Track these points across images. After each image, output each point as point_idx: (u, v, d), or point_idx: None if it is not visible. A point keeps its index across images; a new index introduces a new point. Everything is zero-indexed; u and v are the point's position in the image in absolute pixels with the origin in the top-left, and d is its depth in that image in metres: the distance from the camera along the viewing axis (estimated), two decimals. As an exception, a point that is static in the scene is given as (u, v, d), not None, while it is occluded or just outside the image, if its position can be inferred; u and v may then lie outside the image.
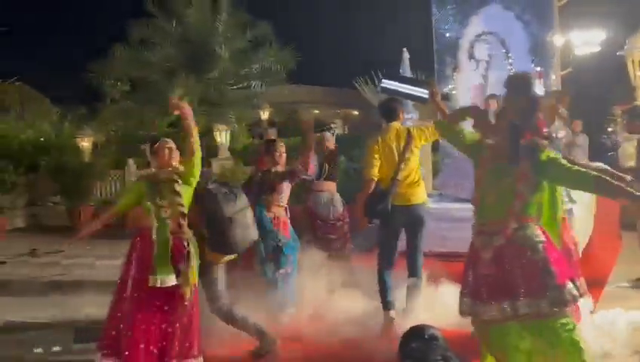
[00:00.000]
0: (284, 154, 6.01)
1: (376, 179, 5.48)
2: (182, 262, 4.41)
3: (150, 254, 4.43)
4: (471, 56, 9.72)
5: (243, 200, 4.76)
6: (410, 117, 8.85)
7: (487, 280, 3.45)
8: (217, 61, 17.01)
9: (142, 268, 4.45)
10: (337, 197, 6.87)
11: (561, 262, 3.49)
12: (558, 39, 10.82)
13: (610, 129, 14.57)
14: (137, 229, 4.64)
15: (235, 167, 13.56)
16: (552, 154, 3.54)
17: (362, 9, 35.80)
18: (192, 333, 4.51)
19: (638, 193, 3.28)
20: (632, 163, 10.88)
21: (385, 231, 5.63)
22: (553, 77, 7.91)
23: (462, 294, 3.58)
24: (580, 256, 6.60)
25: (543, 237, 3.46)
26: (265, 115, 20.77)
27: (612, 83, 12.42)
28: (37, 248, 10.37)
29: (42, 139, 18.45)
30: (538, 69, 8.70)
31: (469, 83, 9.78)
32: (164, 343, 4.42)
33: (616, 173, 4.85)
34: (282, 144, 6.12)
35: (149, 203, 4.53)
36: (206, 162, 14.76)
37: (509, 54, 9.51)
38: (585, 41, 16.57)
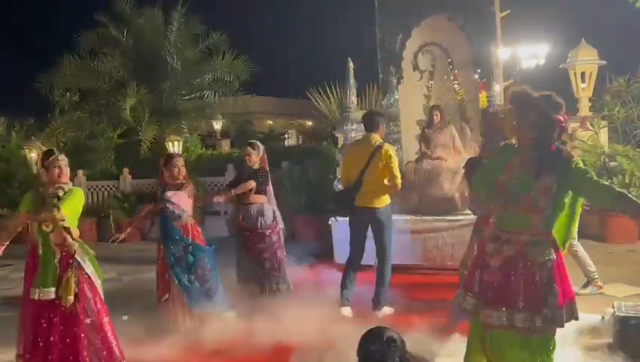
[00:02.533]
0: (183, 169, 6.24)
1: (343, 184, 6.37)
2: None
3: (37, 268, 4.58)
4: (415, 67, 9.84)
5: None
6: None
7: (492, 286, 3.50)
8: (169, 71, 16.88)
9: (30, 282, 4.61)
10: (267, 207, 6.89)
11: (566, 282, 3.51)
12: (504, 52, 11.12)
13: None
14: (31, 244, 4.76)
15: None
16: (580, 164, 3.47)
17: (314, 20, 36.06)
18: (106, 342, 4.59)
19: None
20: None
21: (351, 231, 6.34)
22: (497, 88, 8.11)
23: (465, 292, 3.63)
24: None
25: (554, 256, 3.47)
26: (218, 125, 20.67)
27: (557, 94, 12.80)
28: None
29: (-12, 150, 18.00)
30: (481, 80, 8.91)
31: (413, 93, 9.89)
32: (71, 356, 4.48)
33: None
34: (181, 159, 6.34)
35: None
36: (158, 172, 14.63)
37: (453, 65, 9.68)
38: (531, 54, 17.09)
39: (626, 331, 4.85)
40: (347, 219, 6.43)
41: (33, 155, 14.68)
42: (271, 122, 33.95)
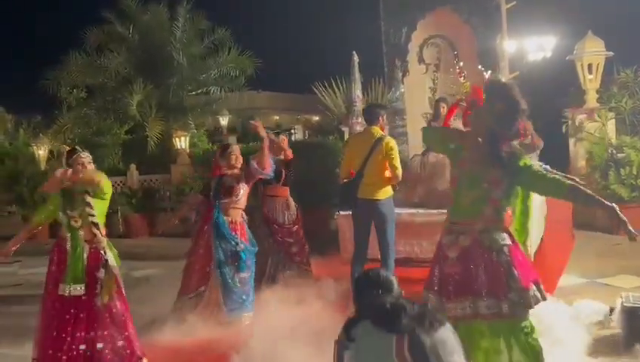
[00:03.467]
0: (240, 158, 6.07)
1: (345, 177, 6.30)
2: (98, 271, 4.51)
3: (65, 263, 4.57)
4: (420, 60, 9.77)
5: None
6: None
7: (452, 279, 3.52)
8: (175, 67, 16.91)
9: (57, 278, 4.60)
10: (291, 201, 6.96)
11: (526, 265, 3.57)
12: (510, 45, 11.06)
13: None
14: (56, 240, 4.78)
15: (194, 173, 13.51)
16: (529, 161, 3.59)
17: (320, 14, 36.00)
18: (128, 340, 4.59)
19: (608, 203, 3.36)
20: (583, 163, 11.26)
21: (354, 225, 6.35)
22: (503, 80, 8.06)
23: (426, 290, 3.66)
24: (533, 255, 6.85)
25: (509, 241, 3.53)
26: (224, 121, 20.70)
27: (565, 87, 12.74)
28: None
29: (-4, 147, 18.09)
30: (487, 73, 8.85)
31: (419, 86, 9.84)
32: (94, 352, 4.49)
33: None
34: (237, 147, 6.20)
35: (61, 213, 4.68)
36: (165, 168, 14.72)
37: (458, 57, 9.62)
38: (537, 46, 16.98)
39: (634, 322, 4.85)
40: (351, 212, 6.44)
41: (41, 152, 14.76)
42: (277, 117, 33.97)
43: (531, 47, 16.91)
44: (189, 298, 5.91)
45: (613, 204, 3.34)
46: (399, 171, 6.14)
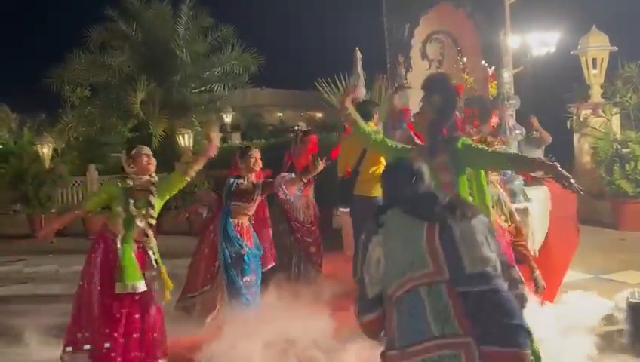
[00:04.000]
0: (260, 162, 6.00)
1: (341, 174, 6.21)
2: (150, 269, 4.46)
3: (113, 260, 4.45)
4: (423, 56, 9.72)
5: None
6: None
7: None
8: (179, 64, 16.90)
9: (105, 274, 4.46)
10: (312, 200, 6.97)
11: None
12: (514, 40, 11.01)
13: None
14: (100, 234, 4.63)
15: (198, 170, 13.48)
16: (467, 140, 3.92)
17: (322, 11, 35.96)
18: (161, 334, 4.60)
19: (549, 162, 3.71)
20: (587, 158, 11.23)
21: (352, 222, 6.24)
22: (506, 75, 8.00)
23: None
24: (538, 251, 6.84)
25: None
26: (228, 118, 20.69)
27: (569, 82, 12.69)
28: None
29: (0, 146, 18.12)
30: (490, 69, 8.80)
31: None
32: (137, 352, 4.48)
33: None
34: (257, 150, 6.09)
35: (119, 208, 4.52)
36: (170, 165, 14.71)
37: (462, 53, 9.54)
38: (541, 41, 16.94)
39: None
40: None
41: (45, 151, 14.77)
42: (281, 114, 33.95)
43: (535, 42, 16.86)
44: (192, 296, 5.90)
45: (555, 163, 3.64)
46: None
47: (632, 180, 10.08)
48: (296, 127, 7.81)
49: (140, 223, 4.47)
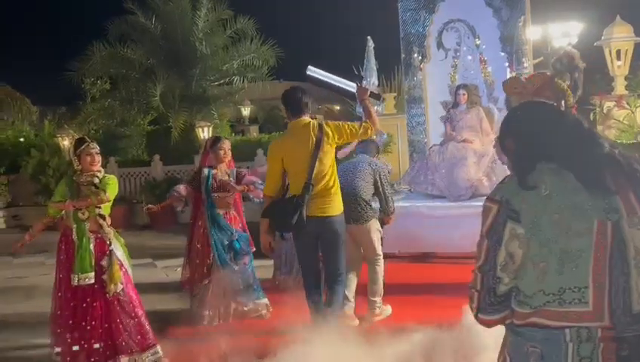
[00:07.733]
0: (229, 153, 6.07)
1: (272, 194, 4.72)
2: (104, 260, 4.60)
3: (73, 254, 4.63)
4: (439, 45, 9.56)
5: None
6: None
7: None
8: (198, 57, 16.94)
9: (66, 268, 4.67)
10: None
11: None
12: (534, 31, 10.86)
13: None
14: (62, 230, 4.82)
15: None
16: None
17: (340, 2, 35.85)
18: (139, 326, 4.64)
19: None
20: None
21: (299, 248, 4.87)
22: (526, 64, 7.87)
23: None
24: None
25: None
26: (246, 111, 20.72)
27: (591, 73, 12.52)
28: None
29: (22, 139, 18.31)
30: (509, 58, 8.67)
31: (438, 73, 9.63)
32: (109, 340, 4.60)
33: None
34: (227, 141, 6.17)
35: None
36: (189, 158, 14.79)
37: (479, 42, 9.33)
38: (563, 32, 16.75)
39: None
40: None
41: (66, 143, 14.90)
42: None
43: (556, 33, 16.67)
44: (195, 294, 5.98)
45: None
46: (367, 123, 4.80)
47: (656, 172, 9.91)
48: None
49: (83, 216, 4.62)
